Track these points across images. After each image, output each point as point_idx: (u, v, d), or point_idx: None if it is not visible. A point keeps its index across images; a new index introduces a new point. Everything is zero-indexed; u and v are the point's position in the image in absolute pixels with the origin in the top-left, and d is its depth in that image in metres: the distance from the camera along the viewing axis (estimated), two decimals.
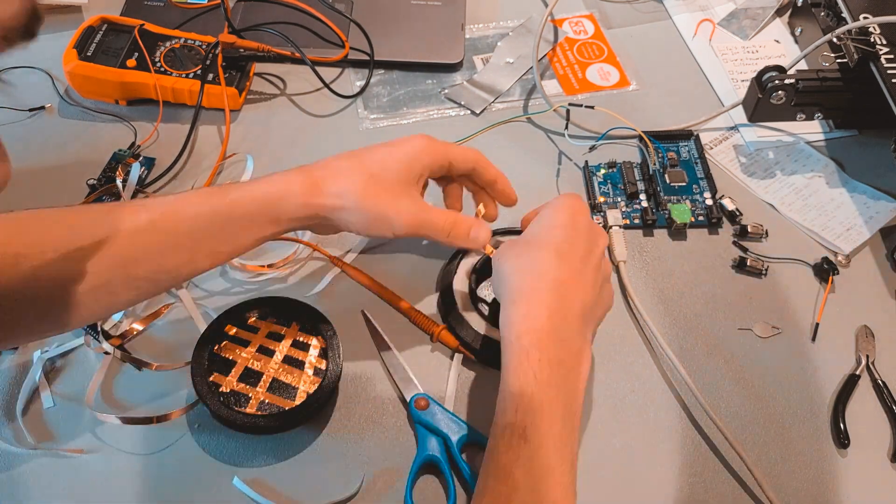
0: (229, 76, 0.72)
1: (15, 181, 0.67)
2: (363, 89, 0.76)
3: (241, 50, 0.73)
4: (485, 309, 0.60)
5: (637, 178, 0.70)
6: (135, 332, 0.60)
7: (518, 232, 0.59)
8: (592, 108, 0.72)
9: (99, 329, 0.58)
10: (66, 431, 0.56)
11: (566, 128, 0.72)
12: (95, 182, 0.67)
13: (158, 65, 0.72)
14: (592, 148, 0.73)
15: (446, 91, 0.77)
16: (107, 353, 0.58)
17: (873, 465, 0.57)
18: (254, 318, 0.58)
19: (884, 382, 0.60)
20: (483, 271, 0.62)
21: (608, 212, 0.67)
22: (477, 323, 0.59)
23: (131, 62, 0.71)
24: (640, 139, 0.71)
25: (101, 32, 0.73)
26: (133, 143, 0.69)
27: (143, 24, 0.74)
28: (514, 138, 0.73)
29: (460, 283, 0.61)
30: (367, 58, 0.77)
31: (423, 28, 0.80)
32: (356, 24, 0.78)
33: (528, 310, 0.50)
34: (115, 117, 0.72)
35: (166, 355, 0.59)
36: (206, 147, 0.71)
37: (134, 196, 0.66)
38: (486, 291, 0.61)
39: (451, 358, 0.60)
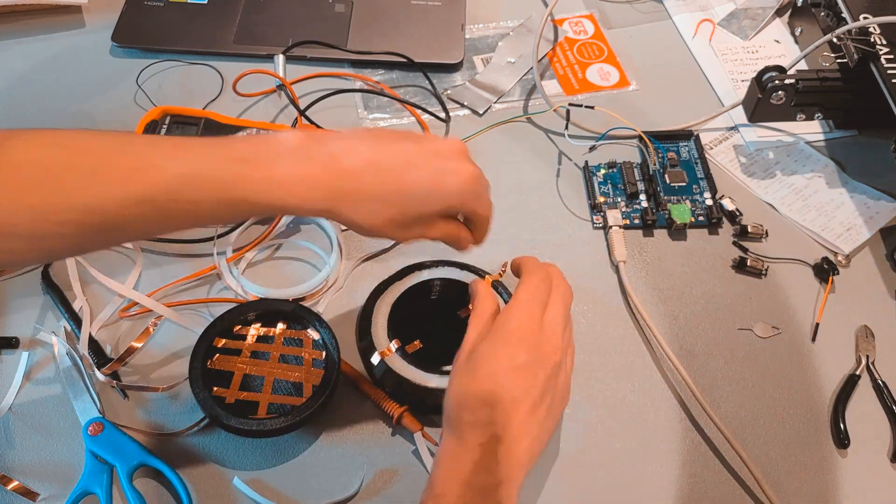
0: None
1: None
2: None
3: None
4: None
5: (637, 178, 0.70)
6: (134, 351, 0.57)
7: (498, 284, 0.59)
8: (592, 108, 0.73)
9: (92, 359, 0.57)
10: None
11: (566, 128, 0.72)
12: None
13: None
14: (592, 148, 0.73)
15: (448, 91, 0.77)
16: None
17: (873, 465, 0.57)
18: (238, 326, 0.58)
19: (884, 382, 0.60)
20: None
21: (608, 212, 0.67)
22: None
23: None
24: (640, 139, 0.71)
25: (165, 127, 0.68)
26: None
27: (208, 117, 0.68)
28: (514, 138, 0.73)
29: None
30: (367, 58, 0.77)
31: (423, 28, 0.80)
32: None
33: (456, 453, 0.46)
34: None
35: (159, 379, 0.58)
36: None
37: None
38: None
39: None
